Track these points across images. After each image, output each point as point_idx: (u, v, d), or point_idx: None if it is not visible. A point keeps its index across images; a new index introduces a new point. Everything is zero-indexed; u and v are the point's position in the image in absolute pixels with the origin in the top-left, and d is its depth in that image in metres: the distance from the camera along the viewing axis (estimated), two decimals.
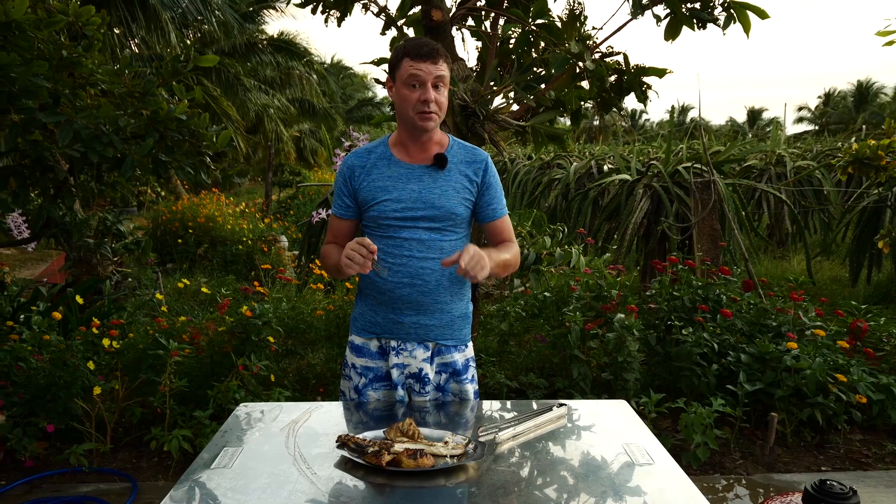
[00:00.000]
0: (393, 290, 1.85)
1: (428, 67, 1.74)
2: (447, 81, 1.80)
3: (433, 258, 1.84)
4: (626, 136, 23.79)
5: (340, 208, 1.93)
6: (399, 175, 1.85)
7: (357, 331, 1.96)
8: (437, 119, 1.80)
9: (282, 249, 8.09)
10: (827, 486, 1.31)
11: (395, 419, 1.69)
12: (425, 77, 1.74)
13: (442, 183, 1.85)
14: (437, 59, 1.75)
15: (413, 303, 1.85)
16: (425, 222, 1.84)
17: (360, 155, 1.91)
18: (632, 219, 5.20)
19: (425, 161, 1.87)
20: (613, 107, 3.39)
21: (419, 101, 1.76)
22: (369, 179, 1.86)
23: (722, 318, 3.64)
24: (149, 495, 2.88)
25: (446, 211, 1.84)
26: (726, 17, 3.03)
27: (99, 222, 4.82)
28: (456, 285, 1.90)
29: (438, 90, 1.78)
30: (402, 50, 1.78)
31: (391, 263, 1.84)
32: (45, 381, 3.05)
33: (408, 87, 1.77)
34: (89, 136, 2.78)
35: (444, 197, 1.84)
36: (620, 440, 1.58)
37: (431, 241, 1.85)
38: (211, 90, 11.04)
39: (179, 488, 1.34)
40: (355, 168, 1.89)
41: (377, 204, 1.84)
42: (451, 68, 1.86)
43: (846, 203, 7.79)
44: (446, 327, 1.91)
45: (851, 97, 34.84)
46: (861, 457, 3.25)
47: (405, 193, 1.83)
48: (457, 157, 1.89)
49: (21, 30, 2.70)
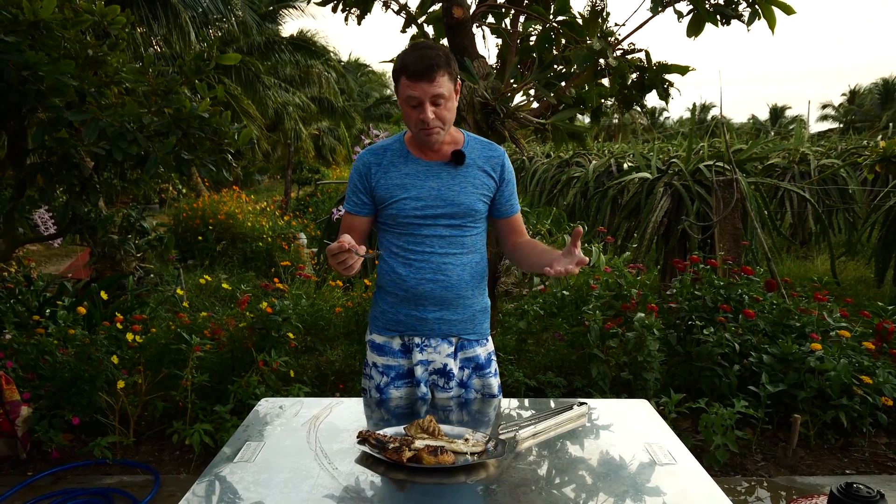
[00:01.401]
0: (416, 286, 1.84)
1: (424, 88, 1.67)
2: (450, 93, 1.72)
3: (454, 253, 1.85)
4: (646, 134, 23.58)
5: (355, 205, 1.90)
6: (417, 172, 1.83)
7: (378, 329, 1.95)
8: (440, 133, 1.76)
9: (301, 246, 8.14)
10: (853, 489, 1.28)
11: (416, 416, 1.69)
12: (422, 97, 1.68)
13: (461, 179, 1.84)
14: (433, 77, 1.66)
15: (436, 298, 1.85)
16: (445, 219, 1.83)
17: (375, 152, 1.88)
18: (652, 217, 5.15)
19: (442, 157, 1.85)
20: (635, 104, 3.37)
21: (418, 120, 1.72)
22: (387, 177, 1.84)
23: (744, 319, 3.60)
24: (171, 488, 2.91)
25: (466, 207, 1.83)
26: (751, 13, 2.99)
27: (123, 219, 4.89)
28: (476, 279, 1.91)
29: (439, 105, 1.71)
30: (400, 65, 1.70)
31: (412, 260, 1.84)
32: (70, 374, 3.10)
33: (407, 105, 1.72)
34: (114, 134, 2.82)
35: (464, 193, 1.83)
36: (642, 440, 1.57)
37: (452, 236, 1.85)
38: (231, 88, 11.15)
39: (203, 481, 1.35)
40: (371, 165, 1.86)
41: (396, 202, 1.82)
42: (454, 74, 1.74)
43: (872, 202, 7.65)
44: (468, 322, 1.92)
45: (877, 94, 34.18)
46: (887, 460, 3.19)
47: (424, 191, 1.82)
48: (474, 152, 1.87)
49: (49, 29, 2.74)
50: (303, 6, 14.41)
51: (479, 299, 1.94)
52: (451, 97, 1.74)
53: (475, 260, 1.89)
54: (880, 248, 6.17)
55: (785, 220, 8.60)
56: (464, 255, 1.86)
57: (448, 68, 1.70)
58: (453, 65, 1.74)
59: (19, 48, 2.63)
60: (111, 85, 3.13)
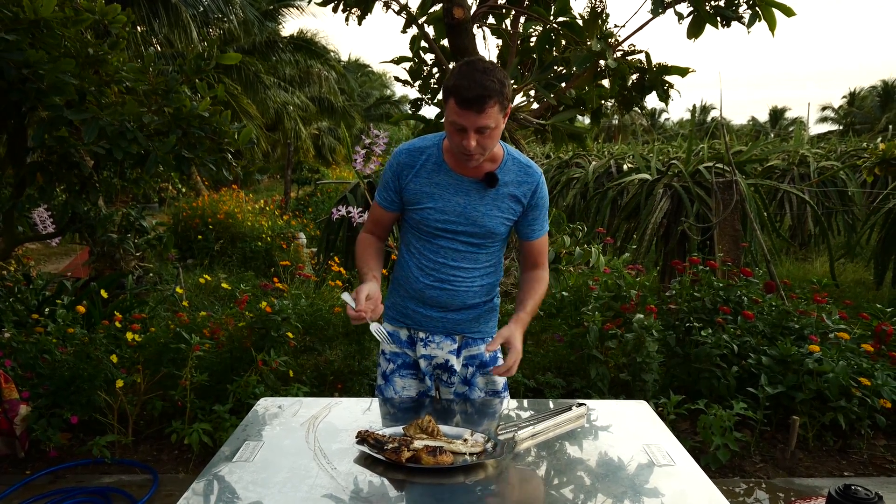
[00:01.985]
0: (423, 290, 1.88)
1: (472, 118, 1.60)
2: (497, 123, 1.65)
3: (467, 267, 1.87)
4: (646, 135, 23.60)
5: (385, 200, 1.89)
6: (447, 184, 1.80)
7: (388, 319, 2.01)
8: (479, 159, 1.71)
9: (300, 246, 8.14)
10: (852, 490, 1.28)
11: (418, 414, 1.69)
12: (468, 126, 1.62)
13: (489, 202, 1.80)
14: (483, 108, 1.58)
15: (441, 302, 1.89)
16: (465, 237, 1.83)
17: (412, 153, 1.84)
18: (651, 218, 5.15)
19: (476, 175, 1.79)
20: (635, 105, 3.37)
21: (459, 144, 1.67)
22: (417, 181, 1.81)
23: (743, 320, 3.60)
24: (169, 487, 2.91)
25: (487, 230, 1.82)
26: (751, 15, 3.00)
27: (122, 218, 4.88)
28: (486, 288, 1.93)
29: (483, 133, 1.64)
30: (452, 86, 1.61)
31: (425, 264, 1.87)
32: (69, 373, 3.10)
33: (451, 127, 1.67)
34: (114, 133, 2.82)
35: (488, 216, 1.81)
36: (640, 441, 1.57)
37: (468, 252, 1.85)
38: (231, 88, 11.15)
39: (202, 481, 1.35)
40: (404, 167, 1.83)
41: (420, 209, 1.82)
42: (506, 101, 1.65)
43: (871, 204, 7.65)
44: (473, 321, 1.94)
45: (877, 97, 34.20)
46: (885, 462, 3.19)
47: (450, 205, 1.80)
48: (509, 174, 1.81)
49: (49, 27, 2.74)
50: (303, 6, 14.42)
51: (486, 302, 1.96)
52: (497, 126, 1.66)
53: (487, 271, 1.91)
54: (879, 251, 6.17)
55: (784, 221, 8.61)
56: (476, 270, 1.88)
57: (500, 98, 1.61)
58: (507, 91, 1.64)
59: (20, 46, 2.63)
60: (111, 84, 3.13)
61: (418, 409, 1.84)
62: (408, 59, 3.75)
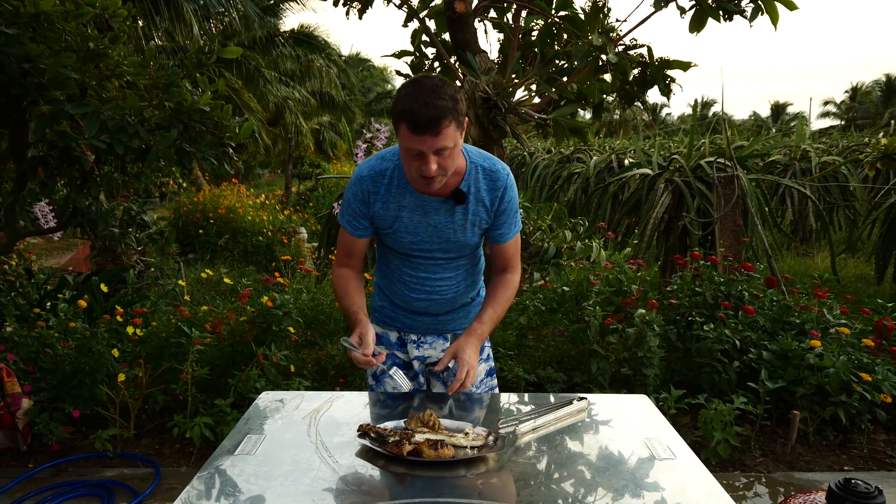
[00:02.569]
0: (411, 302, 1.89)
1: (428, 142, 1.51)
2: (455, 141, 1.55)
3: (450, 276, 1.87)
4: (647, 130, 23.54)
5: (356, 228, 1.81)
6: (414, 206, 1.74)
7: (376, 321, 1.99)
8: (441, 181, 1.61)
9: (301, 241, 8.15)
10: (852, 484, 1.29)
11: (416, 410, 1.69)
12: (426, 150, 1.53)
13: (460, 217, 1.75)
14: (438, 130, 1.49)
15: (431, 311, 1.91)
16: (440, 252, 1.83)
17: (374, 179, 1.75)
18: (653, 213, 5.15)
19: (442, 192, 1.72)
20: (636, 100, 3.36)
21: (418, 169, 1.58)
22: (385, 207, 1.75)
23: (744, 315, 3.60)
24: (171, 481, 2.93)
25: (461, 244, 1.82)
26: (753, 9, 2.98)
27: (123, 212, 4.89)
28: (471, 285, 1.95)
29: (443, 155, 1.55)
30: (402, 110, 1.51)
31: (407, 280, 1.87)
32: (71, 367, 3.11)
33: (407, 154, 1.58)
34: (115, 127, 2.82)
35: (461, 231, 1.78)
36: (641, 435, 1.57)
37: (447, 262, 1.86)
38: (232, 82, 11.14)
39: (203, 474, 1.36)
40: (370, 194, 1.75)
41: (391, 234, 1.79)
42: (462, 116, 1.56)
43: (873, 199, 7.64)
44: (463, 318, 1.97)
45: (879, 91, 34.10)
46: (885, 457, 3.20)
47: (420, 227, 1.76)
48: (476, 183, 1.74)
49: (49, 21, 2.74)
50: (304, 0, 14.37)
51: (472, 297, 1.98)
52: (457, 145, 1.58)
53: (469, 272, 1.92)
54: (881, 246, 6.16)
55: (786, 216, 8.60)
56: (458, 275, 1.89)
57: (455, 115, 1.53)
58: (461, 106, 1.56)
59: (20, 41, 2.63)
60: (112, 78, 3.13)
61: (418, 405, 1.84)
62: (409, 53, 3.74)
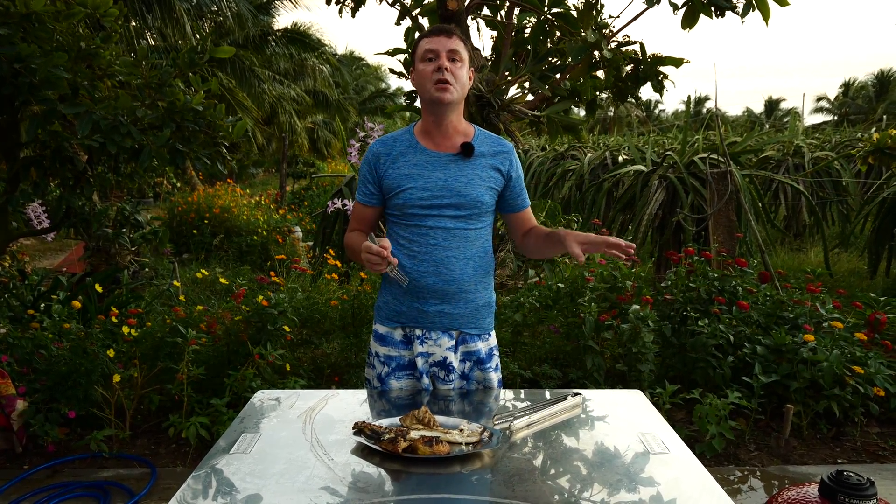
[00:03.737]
0: (418, 279, 1.85)
1: (441, 41, 1.77)
2: (465, 59, 1.80)
3: (458, 247, 1.85)
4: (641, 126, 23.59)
5: (364, 195, 1.93)
6: (425, 163, 1.85)
7: (381, 319, 1.97)
8: (453, 91, 1.78)
9: (296, 240, 8.14)
10: (844, 476, 1.30)
11: (414, 407, 1.70)
12: (439, 49, 1.76)
13: (468, 171, 1.84)
14: (450, 35, 1.78)
15: (438, 292, 1.86)
16: (451, 210, 1.83)
17: (385, 142, 1.91)
18: (647, 210, 5.17)
19: (451, 149, 1.86)
20: (629, 96, 3.37)
21: (434, 71, 1.77)
22: (395, 167, 1.85)
23: (738, 310, 3.62)
24: (167, 480, 2.92)
25: (473, 199, 1.83)
26: (745, 5, 2.99)
27: (117, 213, 4.87)
28: (480, 274, 1.91)
29: (454, 63, 1.78)
30: (420, 35, 1.85)
31: (416, 252, 1.85)
32: (65, 368, 3.10)
33: (423, 62, 1.79)
34: (108, 127, 2.81)
35: (471, 185, 1.83)
36: (635, 430, 1.58)
37: (457, 229, 1.85)
38: (226, 81, 11.10)
39: (199, 473, 1.36)
40: (380, 155, 1.88)
41: (403, 192, 1.83)
42: (469, 50, 1.86)
43: (865, 194, 7.68)
44: (470, 316, 1.92)
45: (872, 87, 34.25)
46: (878, 449, 3.22)
47: (431, 181, 1.82)
48: (483, 145, 1.88)
49: (41, 21, 2.73)
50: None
51: (482, 294, 1.93)
52: (465, 61, 1.80)
53: (479, 254, 1.89)
54: (873, 240, 6.20)
55: (779, 212, 8.64)
56: (468, 249, 1.86)
57: (464, 40, 1.81)
58: (468, 43, 1.84)
59: (11, 40, 2.61)
60: (104, 78, 3.12)
61: (420, 401, 1.84)
62: (402, 51, 3.74)
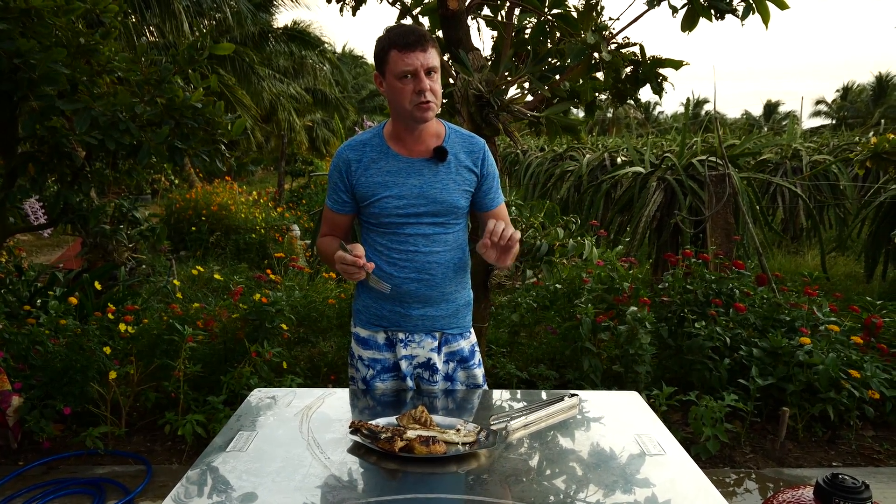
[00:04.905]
0: (400, 285, 1.83)
1: (418, 57, 1.66)
2: (438, 67, 1.71)
3: (438, 251, 1.84)
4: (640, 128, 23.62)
5: (336, 203, 1.87)
6: (398, 169, 1.79)
7: (362, 323, 1.94)
8: (434, 109, 1.72)
9: (294, 238, 8.13)
10: (839, 479, 1.30)
11: (406, 406, 1.70)
12: (417, 67, 1.66)
13: (443, 176, 1.80)
14: (426, 47, 1.66)
15: (420, 296, 1.85)
16: (429, 217, 1.81)
17: (354, 148, 1.83)
18: (645, 211, 5.17)
19: (424, 154, 1.80)
20: (629, 98, 3.37)
21: (414, 92, 1.68)
22: (367, 174, 1.80)
23: (735, 313, 3.62)
24: (163, 478, 2.92)
25: (449, 205, 1.81)
26: (745, 8, 2.99)
27: (115, 209, 4.86)
28: (460, 274, 1.91)
29: (432, 77, 1.69)
30: (388, 41, 1.69)
31: (396, 259, 1.83)
32: (61, 364, 3.09)
33: (400, 79, 1.68)
34: (106, 124, 2.80)
35: (446, 191, 1.80)
36: (632, 431, 1.58)
37: (436, 234, 1.83)
38: (226, 79, 11.08)
39: (195, 470, 1.36)
40: (351, 162, 1.81)
41: (377, 201, 1.79)
42: (439, 51, 1.75)
43: (863, 198, 7.70)
44: (452, 317, 1.92)
45: (870, 91, 34.32)
46: (873, 453, 3.23)
47: (406, 189, 1.79)
48: (455, 146, 1.83)
49: (40, 16, 2.72)
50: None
51: (462, 294, 1.94)
52: (439, 72, 1.72)
53: (458, 255, 1.89)
54: (870, 244, 6.22)
55: (776, 215, 8.66)
56: (447, 252, 1.86)
57: (434, 43, 1.70)
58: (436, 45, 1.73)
59: (11, 36, 2.61)
60: (103, 74, 3.11)
61: (408, 400, 1.84)
62: None
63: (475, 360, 1.98)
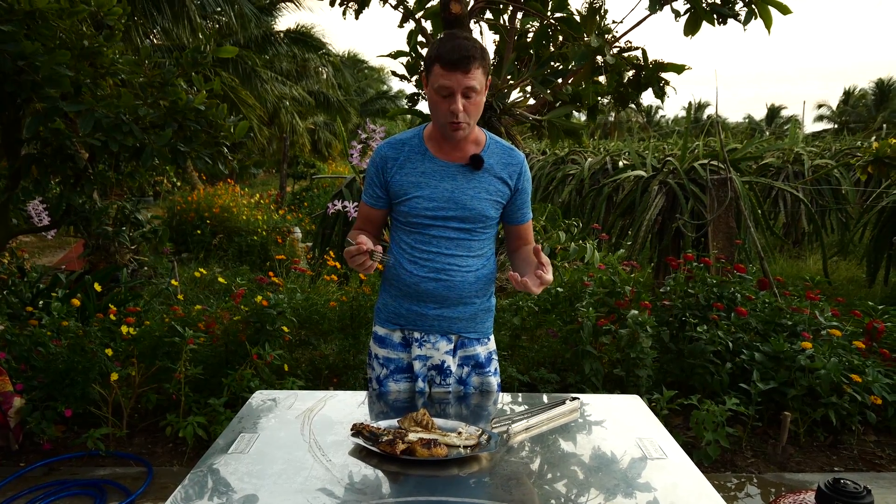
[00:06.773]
0: (418, 283, 1.84)
1: (458, 78, 1.64)
2: (481, 87, 1.69)
3: (461, 255, 1.84)
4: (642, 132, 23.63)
5: (371, 197, 1.90)
6: (432, 171, 1.81)
7: (381, 321, 1.96)
8: (466, 128, 1.73)
9: (296, 241, 8.14)
10: (841, 484, 1.30)
11: (413, 410, 1.70)
12: (455, 88, 1.66)
13: (476, 184, 1.81)
14: (468, 69, 1.63)
15: (438, 297, 1.85)
16: (456, 222, 1.82)
17: (393, 146, 1.86)
18: (646, 215, 5.17)
19: (460, 160, 1.81)
20: (631, 102, 3.38)
21: (448, 111, 1.69)
22: (402, 173, 1.82)
23: (736, 317, 3.62)
24: (164, 480, 2.92)
25: (478, 213, 1.81)
26: (747, 13, 3.00)
27: (117, 211, 4.88)
28: (481, 283, 1.90)
29: (470, 98, 1.69)
30: (436, 52, 1.68)
31: (417, 257, 1.84)
32: (63, 366, 3.10)
33: (438, 94, 1.69)
34: (110, 126, 2.81)
35: (477, 199, 1.81)
36: (633, 435, 1.58)
37: (460, 239, 1.84)
38: (229, 81, 11.11)
39: (197, 472, 1.36)
40: (388, 159, 1.84)
41: (408, 200, 1.81)
42: (488, 69, 1.72)
43: (864, 203, 7.69)
44: (469, 320, 1.91)
45: (872, 95, 34.32)
46: (875, 458, 3.22)
47: (437, 192, 1.80)
48: (493, 157, 1.83)
49: (44, 18, 2.73)
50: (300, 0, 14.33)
51: (482, 300, 1.93)
52: (481, 91, 1.71)
53: (481, 263, 1.89)
54: (872, 249, 6.21)
55: (778, 219, 8.64)
56: (470, 259, 1.86)
57: (483, 62, 1.68)
58: (487, 59, 1.71)
59: (15, 38, 2.62)
60: (107, 76, 3.12)
61: (415, 404, 1.84)
62: (405, 53, 3.75)
63: (491, 367, 1.97)
